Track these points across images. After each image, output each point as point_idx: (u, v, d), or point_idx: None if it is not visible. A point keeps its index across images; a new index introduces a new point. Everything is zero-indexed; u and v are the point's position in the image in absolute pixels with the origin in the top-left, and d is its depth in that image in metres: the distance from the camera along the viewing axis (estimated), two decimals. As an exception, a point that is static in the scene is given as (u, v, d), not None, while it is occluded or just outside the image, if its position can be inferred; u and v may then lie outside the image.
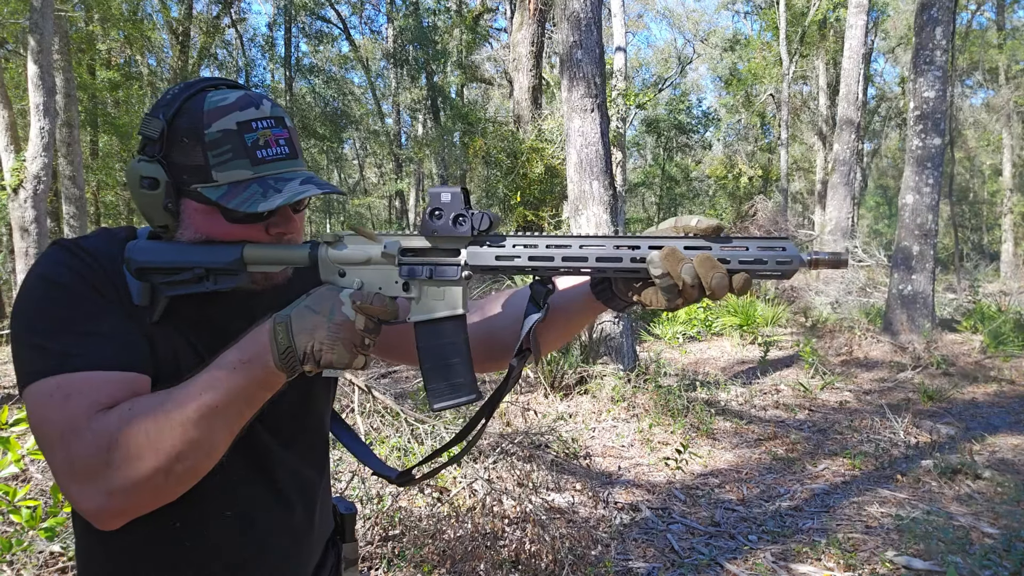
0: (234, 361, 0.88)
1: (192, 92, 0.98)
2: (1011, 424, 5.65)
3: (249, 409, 0.91)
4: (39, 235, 8.36)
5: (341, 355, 0.88)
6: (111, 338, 0.92)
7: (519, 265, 0.94)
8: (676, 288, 0.88)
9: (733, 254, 0.89)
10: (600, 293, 1.01)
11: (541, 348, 1.12)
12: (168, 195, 0.97)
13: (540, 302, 0.97)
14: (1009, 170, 22.11)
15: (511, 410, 5.47)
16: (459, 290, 0.97)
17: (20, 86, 12.32)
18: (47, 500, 2.99)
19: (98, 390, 0.88)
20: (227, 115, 0.96)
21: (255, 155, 0.96)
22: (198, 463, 0.88)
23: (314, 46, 21.57)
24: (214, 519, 1.02)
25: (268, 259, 0.99)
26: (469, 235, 0.94)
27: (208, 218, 0.99)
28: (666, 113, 23.81)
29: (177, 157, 0.97)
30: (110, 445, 0.84)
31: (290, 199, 0.94)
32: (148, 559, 1.01)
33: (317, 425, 1.17)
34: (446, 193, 0.94)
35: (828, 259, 0.90)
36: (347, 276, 0.97)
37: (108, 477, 0.84)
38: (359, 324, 0.89)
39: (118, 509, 0.87)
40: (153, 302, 0.97)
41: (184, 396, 0.87)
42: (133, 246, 0.98)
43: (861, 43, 12.73)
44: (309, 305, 0.90)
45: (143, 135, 0.98)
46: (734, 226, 13.25)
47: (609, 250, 0.91)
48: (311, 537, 1.15)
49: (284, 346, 0.87)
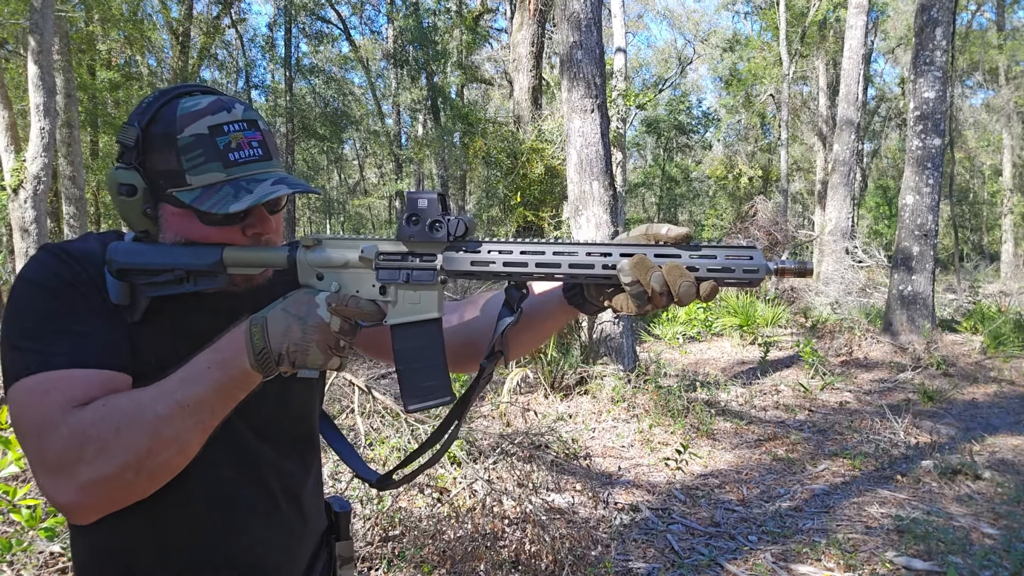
0: (210, 361, 0.90)
1: (166, 99, 1.01)
2: (1011, 424, 5.65)
3: (223, 408, 0.92)
4: (39, 235, 8.36)
5: (316, 356, 0.90)
6: (92, 337, 0.94)
7: (494, 271, 0.96)
8: (645, 295, 0.90)
9: (702, 262, 0.91)
10: (572, 298, 1.04)
11: (514, 351, 1.15)
12: (146, 201, 1.00)
13: (514, 306, 1.00)
14: (1009, 170, 22.11)
15: (511, 410, 5.47)
16: (435, 294, 0.98)
17: (20, 86, 12.32)
18: (47, 501, 2.99)
19: (75, 387, 0.90)
20: (199, 119, 0.98)
21: (227, 158, 0.98)
22: (169, 460, 0.89)
23: (314, 46, 21.58)
24: (198, 513, 1.04)
25: (247, 261, 1.01)
26: (445, 241, 0.96)
27: (185, 221, 1.01)
28: (666, 113, 23.83)
29: (153, 163, 0.99)
30: (83, 440, 0.85)
31: (260, 199, 0.96)
32: (135, 553, 1.03)
33: (300, 424, 1.18)
34: (423, 199, 0.96)
35: (794, 268, 0.92)
36: (325, 279, 0.99)
37: (80, 471, 0.85)
38: (334, 326, 0.90)
39: (89, 504, 0.88)
40: (133, 302, 0.99)
41: (158, 393, 0.89)
42: (115, 247, 0.99)
43: (861, 43, 12.73)
44: (285, 307, 0.91)
45: (120, 143, 1.00)
46: (734, 226, 13.24)
47: (581, 257, 0.93)
48: (301, 532, 1.16)
49: (260, 347, 0.88)
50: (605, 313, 6.65)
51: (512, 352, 1.12)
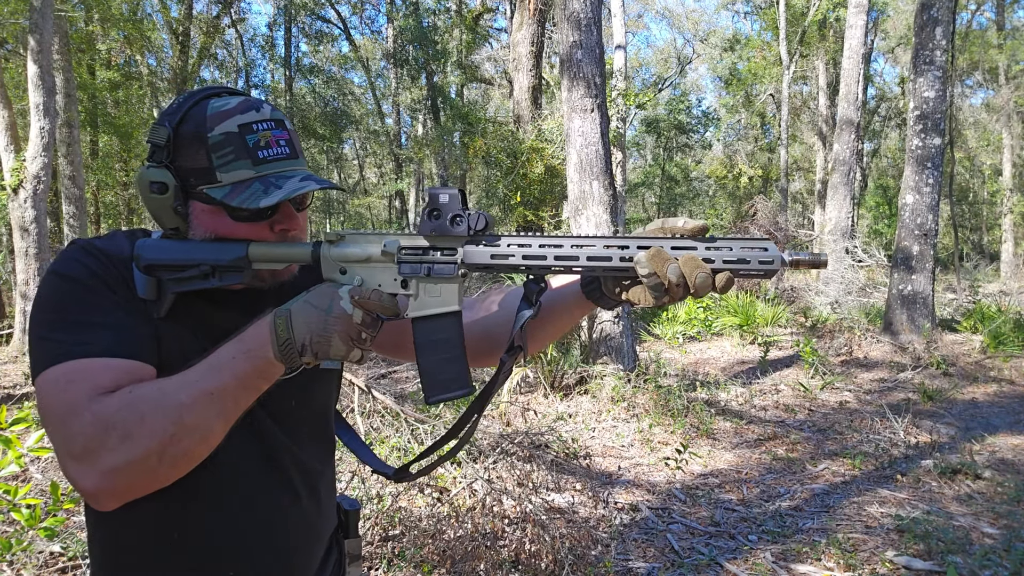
0: (234, 351, 0.92)
1: (196, 100, 1.03)
2: (1011, 424, 5.65)
3: (246, 398, 0.93)
4: (39, 235, 8.36)
5: (338, 347, 0.92)
6: (118, 328, 0.96)
7: (513, 263, 0.98)
8: (662, 286, 0.92)
9: (717, 254, 0.93)
10: (590, 292, 1.05)
11: (533, 345, 1.16)
12: (176, 198, 1.02)
13: (532, 299, 1.01)
14: (1009, 170, 22.10)
15: (511, 410, 5.47)
16: (455, 287, 1.00)
17: (20, 86, 12.31)
18: (47, 499, 2.99)
19: (101, 375, 0.91)
20: (229, 118, 1.01)
21: (256, 155, 1.01)
22: (192, 447, 0.90)
23: (314, 46, 21.59)
24: (219, 504, 1.05)
25: (272, 257, 1.03)
26: (466, 235, 0.98)
27: (215, 218, 1.03)
28: (666, 113, 23.82)
29: (183, 161, 1.01)
30: (107, 426, 0.87)
31: (289, 194, 0.99)
32: (153, 544, 1.04)
33: (320, 418, 1.20)
34: (444, 194, 0.98)
35: (808, 259, 0.94)
36: (348, 273, 1.01)
37: (104, 457, 0.87)
38: (356, 318, 0.92)
39: (113, 489, 0.89)
40: (160, 297, 1.01)
41: (182, 382, 0.91)
42: (143, 243, 1.02)
43: (861, 43, 12.72)
44: (309, 300, 0.94)
45: (151, 143, 1.03)
46: (734, 226, 13.24)
47: (599, 250, 0.95)
48: (318, 526, 1.18)
49: (284, 338, 0.91)
50: (605, 313, 6.66)
51: (531, 347, 1.13)
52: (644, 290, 0.94)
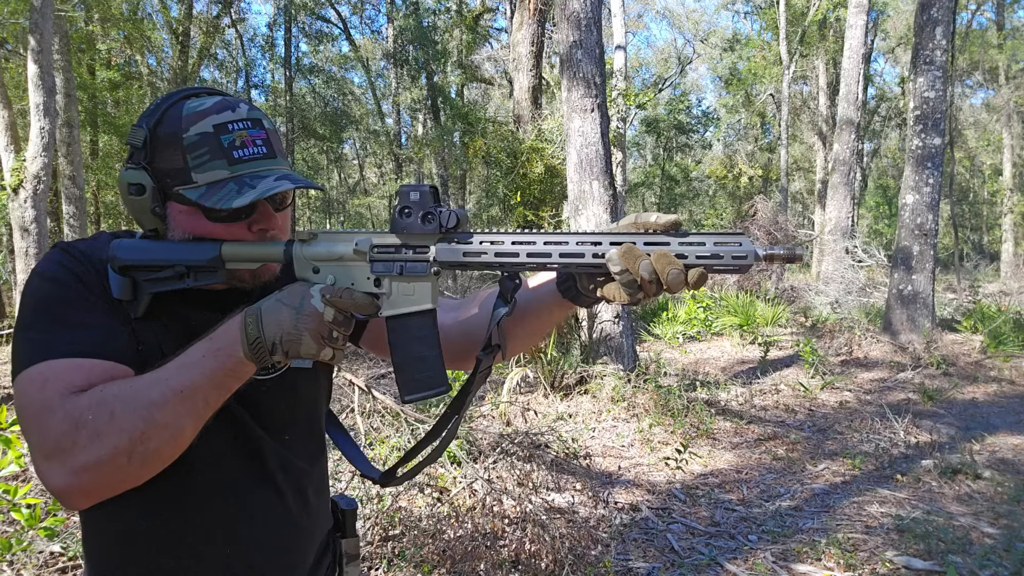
0: (204, 349, 0.92)
1: (173, 101, 1.04)
2: (1011, 424, 5.65)
3: (216, 397, 0.93)
4: (39, 235, 8.36)
5: (308, 346, 0.91)
6: (94, 329, 0.96)
7: (486, 261, 0.97)
8: (636, 283, 0.91)
9: (690, 249, 0.91)
10: (566, 290, 1.05)
11: (512, 345, 1.16)
12: (154, 199, 1.02)
13: (508, 297, 1.01)
14: (1009, 170, 22.11)
15: (511, 410, 5.47)
16: (429, 285, 1.00)
17: (20, 86, 12.31)
18: (47, 499, 2.99)
19: (76, 375, 0.91)
20: (204, 119, 1.01)
21: (231, 155, 1.00)
22: (161, 446, 0.90)
23: (314, 46, 21.60)
24: (201, 503, 1.05)
25: (245, 256, 1.03)
26: (437, 232, 0.97)
27: (192, 219, 1.03)
28: (666, 113, 23.83)
29: (160, 163, 1.02)
30: (78, 424, 0.87)
31: (263, 194, 0.98)
32: (138, 543, 1.04)
33: (307, 418, 1.20)
34: (415, 192, 0.98)
35: (783, 254, 0.92)
36: (321, 272, 1.01)
37: (74, 455, 0.87)
38: (328, 316, 0.92)
39: (82, 487, 0.89)
40: (135, 297, 1.01)
41: (153, 380, 0.91)
42: (117, 244, 1.02)
43: (861, 43, 12.73)
44: (280, 298, 0.94)
45: (129, 144, 1.03)
46: (734, 226, 13.24)
47: (572, 247, 0.94)
48: (307, 526, 1.17)
49: (254, 336, 0.90)
50: (605, 312, 6.67)
51: (510, 347, 1.13)
52: (618, 287, 0.93)
